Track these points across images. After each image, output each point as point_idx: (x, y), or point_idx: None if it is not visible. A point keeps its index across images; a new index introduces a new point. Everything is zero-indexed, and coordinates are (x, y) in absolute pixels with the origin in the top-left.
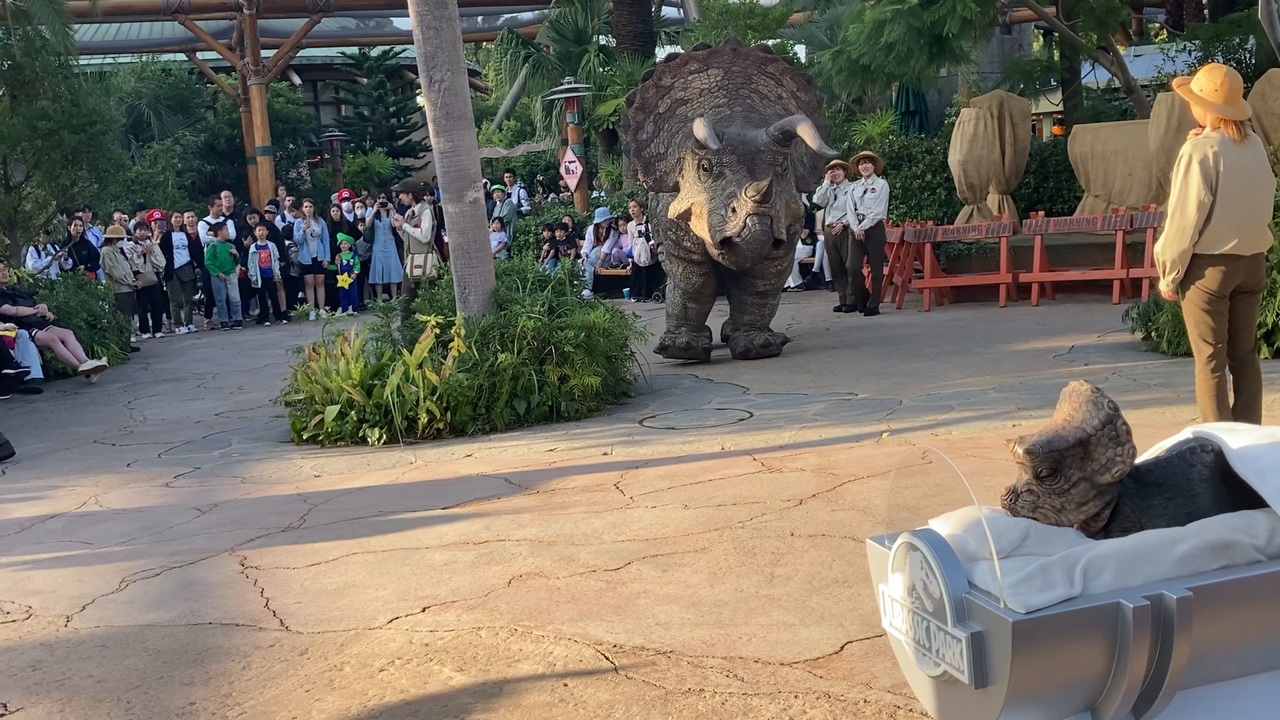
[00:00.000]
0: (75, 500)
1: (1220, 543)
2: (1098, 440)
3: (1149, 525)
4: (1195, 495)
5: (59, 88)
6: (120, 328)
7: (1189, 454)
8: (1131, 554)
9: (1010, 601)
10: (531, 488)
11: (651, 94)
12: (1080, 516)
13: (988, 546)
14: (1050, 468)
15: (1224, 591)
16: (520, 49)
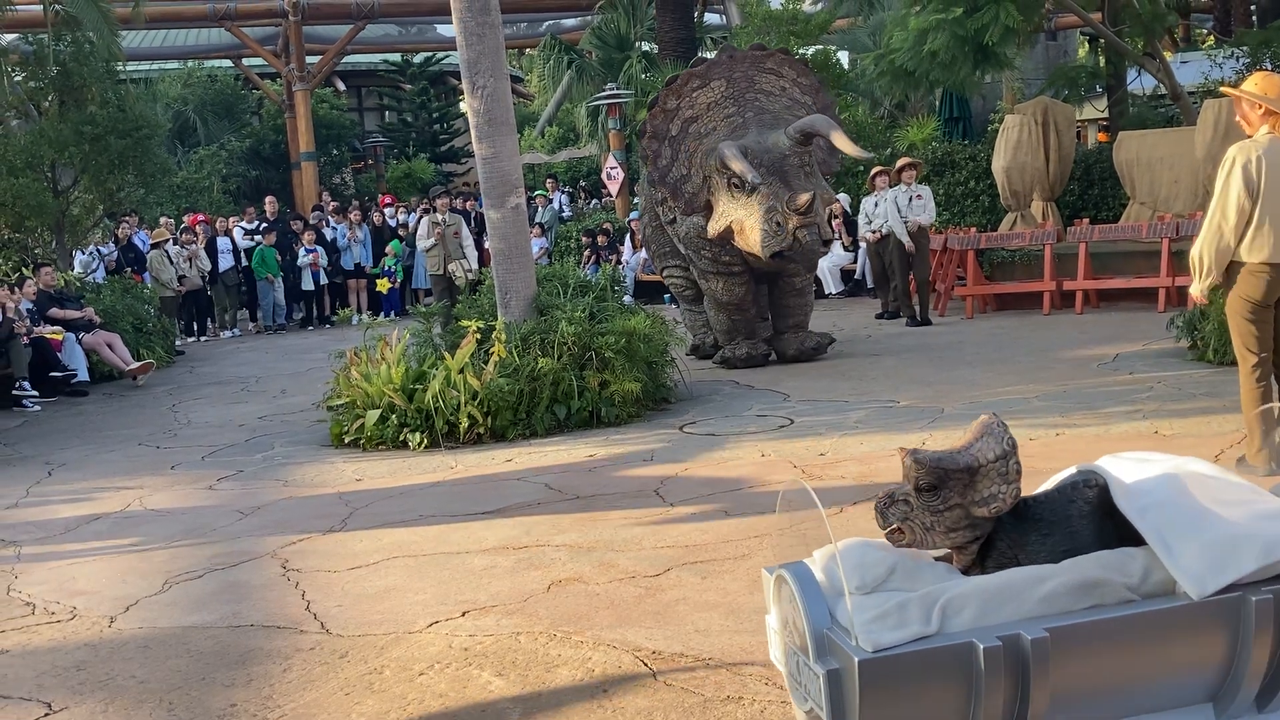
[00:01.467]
0: (120, 502)
1: (1089, 581)
2: (986, 472)
3: (1025, 561)
4: (1074, 532)
5: (106, 93)
6: (165, 331)
7: (1071, 490)
8: (995, 592)
9: (860, 639)
10: (571, 493)
11: (660, 120)
12: (946, 541)
13: (851, 580)
14: (932, 483)
15: (1086, 632)
16: (563, 55)
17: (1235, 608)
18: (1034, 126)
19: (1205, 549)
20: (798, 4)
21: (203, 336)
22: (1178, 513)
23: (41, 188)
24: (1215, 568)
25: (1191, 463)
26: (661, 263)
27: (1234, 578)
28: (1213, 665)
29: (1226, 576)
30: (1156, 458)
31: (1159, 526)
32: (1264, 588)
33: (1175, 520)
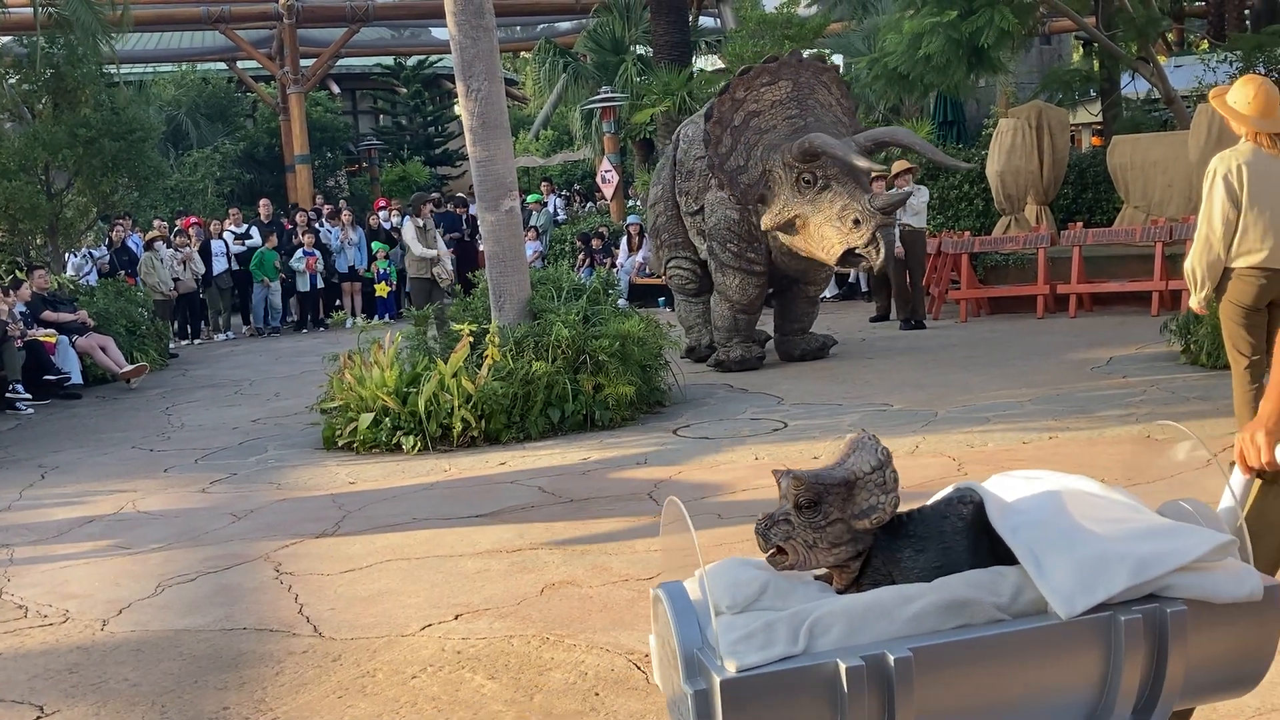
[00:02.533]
0: (113, 505)
1: (958, 600)
2: (864, 484)
3: (899, 579)
4: (948, 549)
5: (100, 96)
6: (159, 334)
7: (946, 506)
8: (863, 611)
9: (725, 659)
10: (565, 496)
11: (728, 107)
12: (830, 559)
13: (723, 600)
14: (811, 499)
15: (952, 652)
16: (558, 58)
17: (1105, 627)
18: (1028, 130)
19: (1076, 567)
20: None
21: (196, 339)
22: (1051, 531)
23: (35, 190)
24: (1085, 587)
25: (1078, 481)
26: (669, 253)
27: (1104, 597)
28: (1085, 685)
29: (1096, 595)
30: (1045, 475)
31: (1031, 544)
32: (1135, 607)
33: (1047, 538)
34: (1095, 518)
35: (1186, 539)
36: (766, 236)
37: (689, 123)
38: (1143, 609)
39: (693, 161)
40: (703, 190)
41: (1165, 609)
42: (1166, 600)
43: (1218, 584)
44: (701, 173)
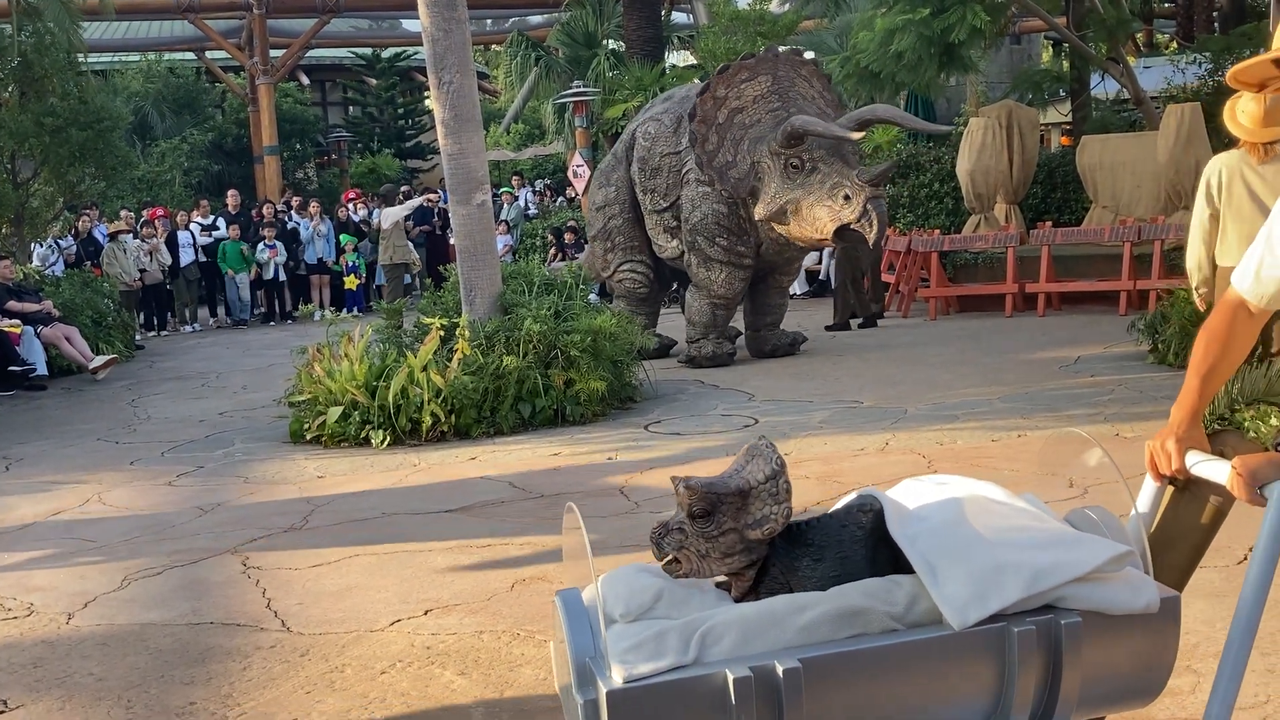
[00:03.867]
0: (78, 498)
1: (852, 610)
2: (758, 494)
3: (796, 588)
4: (845, 558)
5: (68, 85)
6: (125, 325)
7: (845, 514)
8: (756, 620)
9: (613, 669)
10: (535, 492)
11: (710, 106)
12: (723, 568)
13: (616, 608)
14: (705, 509)
15: (843, 662)
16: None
17: (999, 638)
18: (998, 130)
19: (970, 578)
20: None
21: (163, 331)
22: (948, 540)
23: (1, 179)
24: (978, 597)
25: (985, 488)
26: (622, 257)
27: (997, 607)
28: (980, 696)
29: (989, 606)
30: (954, 481)
31: (927, 554)
32: (1029, 618)
33: (944, 547)
34: (995, 527)
35: (1084, 550)
36: (755, 229)
37: (645, 121)
38: (1037, 620)
39: (659, 158)
40: (674, 187)
41: (1060, 620)
42: (1062, 611)
43: (1113, 595)
44: (671, 169)
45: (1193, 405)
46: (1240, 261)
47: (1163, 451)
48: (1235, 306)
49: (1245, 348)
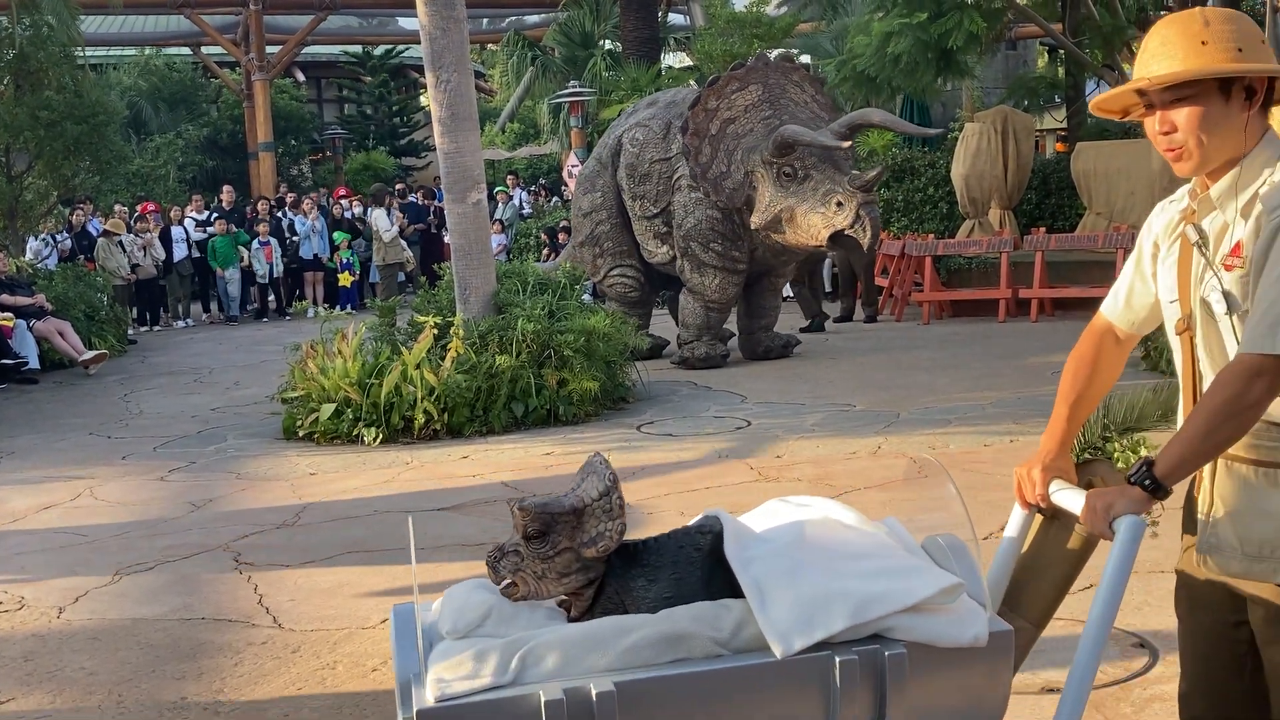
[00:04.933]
0: (69, 492)
1: (676, 634)
2: (592, 511)
3: (631, 608)
4: (680, 580)
5: (64, 78)
6: (118, 320)
7: (683, 536)
8: (579, 642)
9: (429, 688)
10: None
11: (702, 118)
12: (560, 588)
13: (445, 624)
14: (539, 529)
15: (660, 687)
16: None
17: (822, 667)
18: (993, 135)
19: (797, 605)
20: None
21: (156, 326)
22: (782, 565)
23: None
24: (804, 625)
25: (841, 513)
26: (611, 263)
27: (822, 636)
28: None
29: (814, 635)
30: (816, 504)
31: (759, 578)
32: (855, 648)
33: (776, 572)
34: (834, 553)
35: (915, 580)
36: (750, 234)
37: (631, 127)
38: (861, 650)
39: (648, 164)
40: (664, 193)
41: (885, 651)
42: (889, 642)
43: (941, 627)
44: (661, 175)
45: (1061, 433)
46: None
47: (1029, 479)
48: (1103, 333)
49: (1113, 374)
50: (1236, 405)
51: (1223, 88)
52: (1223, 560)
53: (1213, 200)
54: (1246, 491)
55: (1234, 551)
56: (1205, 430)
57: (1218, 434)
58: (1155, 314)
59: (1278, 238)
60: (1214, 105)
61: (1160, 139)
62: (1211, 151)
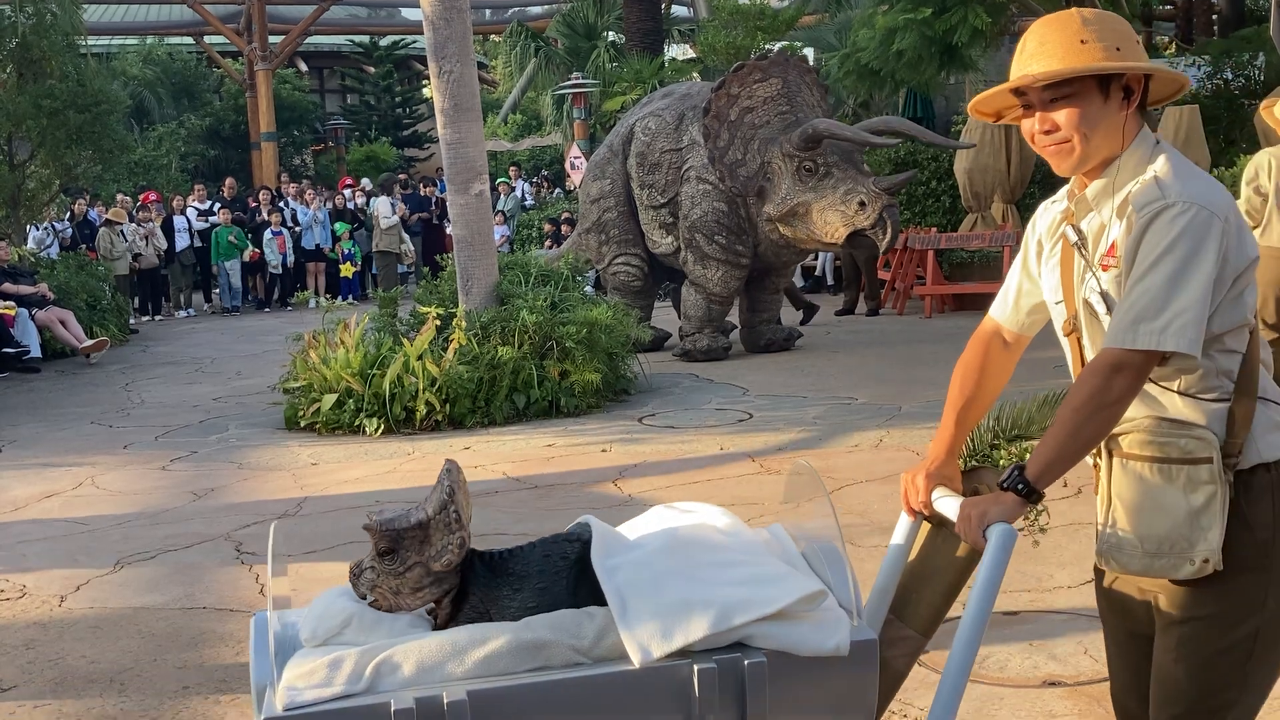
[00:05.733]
0: (71, 481)
1: (535, 642)
2: (436, 525)
3: (496, 617)
4: (544, 588)
5: (66, 67)
6: (120, 309)
7: (550, 544)
8: (435, 651)
9: (278, 697)
10: (529, 482)
11: (724, 102)
12: (416, 601)
13: (305, 631)
14: (388, 547)
15: (516, 696)
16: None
17: (681, 676)
18: (996, 129)
19: (658, 613)
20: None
21: (157, 316)
22: (647, 573)
23: None
24: (663, 633)
25: (719, 519)
26: (617, 250)
27: (681, 644)
28: None
29: (673, 643)
30: (699, 510)
31: (622, 587)
32: (715, 656)
33: (640, 581)
34: (702, 561)
35: (778, 587)
36: (754, 229)
37: (645, 116)
38: (720, 658)
39: (658, 154)
40: (672, 183)
41: (744, 660)
42: (749, 650)
43: (801, 636)
44: (671, 165)
45: (948, 440)
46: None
47: (913, 486)
48: (991, 336)
49: (1002, 379)
50: (1099, 401)
51: (1101, 87)
52: (1124, 559)
53: (1089, 201)
54: (1143, 489)
55: (1134, 550)
56: (1070, 429)
57: (1082, 432)
58: (1043, 315)
59: (1145, 235)
60: (1093, 104)
61: (1040, 139)
62: (1092, 150)
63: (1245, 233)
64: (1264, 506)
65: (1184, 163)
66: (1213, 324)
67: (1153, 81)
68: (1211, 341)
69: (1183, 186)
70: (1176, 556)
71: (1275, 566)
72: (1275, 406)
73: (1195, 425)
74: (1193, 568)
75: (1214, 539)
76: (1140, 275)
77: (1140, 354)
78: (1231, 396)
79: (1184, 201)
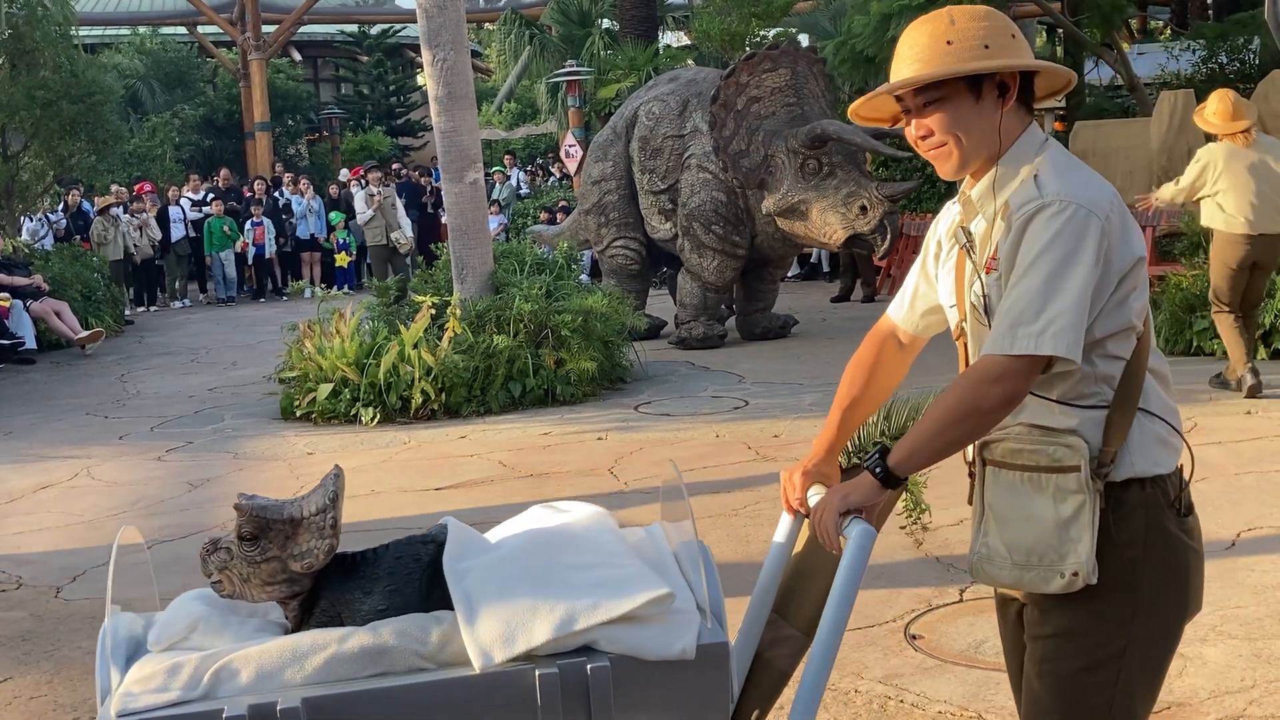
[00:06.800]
0: (67, 472)
1: (378, 648)
2: (308, 525)
3: (347, 621)
4: (395, 591)
5: (59, 58)
6: (115, 300)
7: (403, 546)
8: (276, 656)
9: (116, 703)
10: (525, 470)
11: (732, 91)
12: (264, 595)
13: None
14: (252, 532)
15: (350, 702)
16: (523, 30)
17: (524, 681)
18: None
19: (503, 617)
20: None
21: (153, 306)
22: (497, 576)
23: None
24: (506, 638)
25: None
26: (615, 233)
27: (524, 649)
28: None
29: (515, 648)
30: (575, 509)
31: (470, 591)
32: (559, 660)
33: (489, 584)
34: (556, 563)
35: (626, 590)
36: (752, 220)
37: (649, 100)
38: (562, 663)
39: (661, 139)
40: (673, 169)
41: (588, 664)
42: (594, 655)
43: (647, 639)
44: (673, 151)
45: (830, 438)
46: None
47: (790, 483)
48: (886, 336)
49: (893, 380)
50: (971, 408)
51: (972, 87)
52: (994, 571)
53: (975, 203)
54: (1013, 498)
55: (1004, 561)
56: (937, 428)
57: (948, 434)
58: (938, 317)
59: (1024, 237)
60: (964, 105)
61: (920, 144)
62: (970, 152)
63: (1130, 231)
64: (1134, 523)
65: (1067, 160)
66: (1095, 328)
67: (1038, 77)
68: (1093, 346)
69: (1061, 185)
70: (1046, 569)
71: (1144, 587)
72: (1159, 421)
73: (1066, 432)
74: (1062, 581)
75: (1083, 551)
76: (1017, 279)
77: (1019, 360)
78: (1110, 404)
79: (1061, 200)
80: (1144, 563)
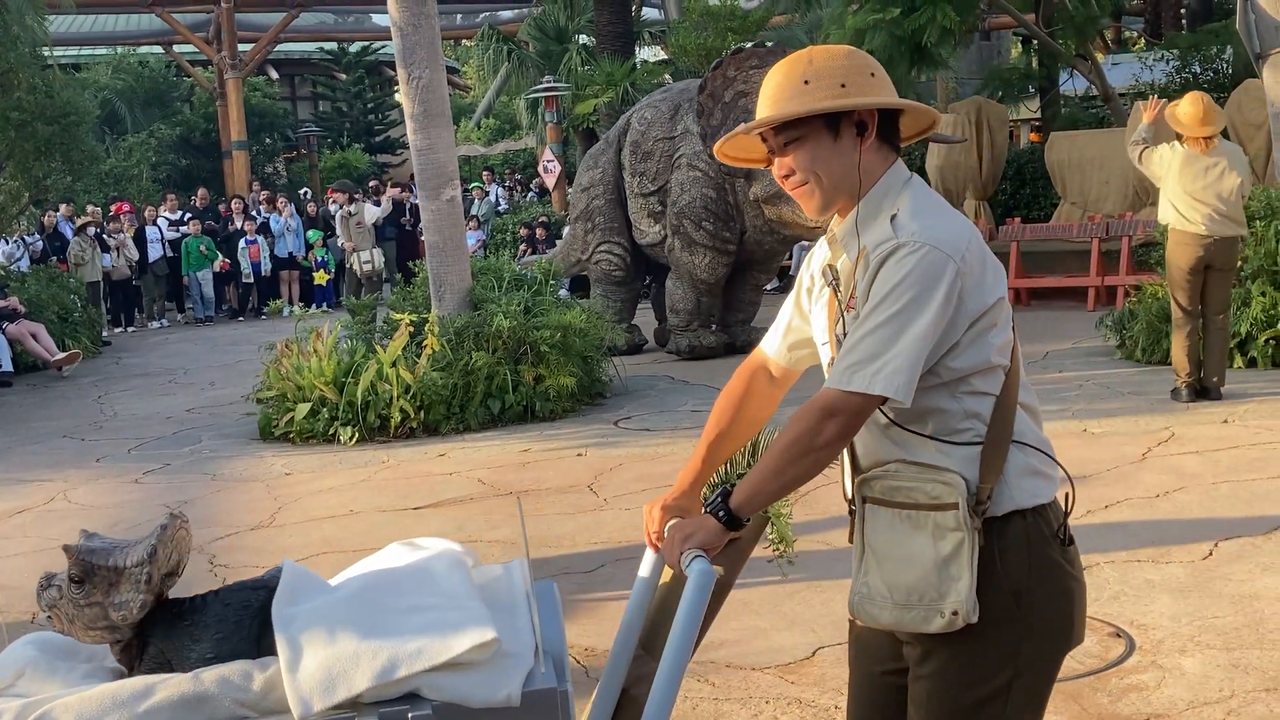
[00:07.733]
0: (43, 495)
1: (196, 695)
2: (128, 576)
3: (178, 667)
4: (224, 638)
5: (34, 79)
6: (92, 321)
7: (235, 591)
8: (96, 705)
9: None
10: (505, 488)
11: (720, 83)
12: (87, 638)
13: None
14: (78, 575)
15: None
16: (501, 46)
17: None
18: (968, 126)
19: (326, 664)
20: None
21: (130, 327)
22: (323, 622)
23: None
24: (326, 685)
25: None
26: (600, 238)
27: (344, 696)
28: None
29: (335, 696)
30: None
31: (295, 636)
32: (381, 709)
33: (316, 630)
34: (389, 608)
35: (453, 635)
36: (742, 216)
37: (642, 107)
38: (383, 712)
39: (652, 142)
40: (664, 171)
41: (409, 712)
42: (417, 702)
43: (471, 686)
44: (663, 153)
45: (694, 471)
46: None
47: (649, 517)
48: (756, 369)
49: (763, 414)
50: (807, 444)
51: (830, 126)
52: (874, 611)
53: (839, 241)
54: (892, 536)
55: (884, 601)
56: (776, 467)
57: (787, 471)
58: (809, 351)
59: (878, 277)
60: (823, 144)
61: (785, 184)
62: (830, 191)
63: (990, 271)
64: (1017, 554)
65: (928, 200)
66: (955, 364)
67: (903, 115)
68: (958, 383)
69: (918, 226)
70: (926, 608)
71: (1030, 618)
72: (1033, 451)
73: (943, 470)
74: (943, 620)
75: (963, 589)
76: (864, 316)
77: (853, 397)
78: (984, 440)
79: (915, 242)
80: (1029, 593)
